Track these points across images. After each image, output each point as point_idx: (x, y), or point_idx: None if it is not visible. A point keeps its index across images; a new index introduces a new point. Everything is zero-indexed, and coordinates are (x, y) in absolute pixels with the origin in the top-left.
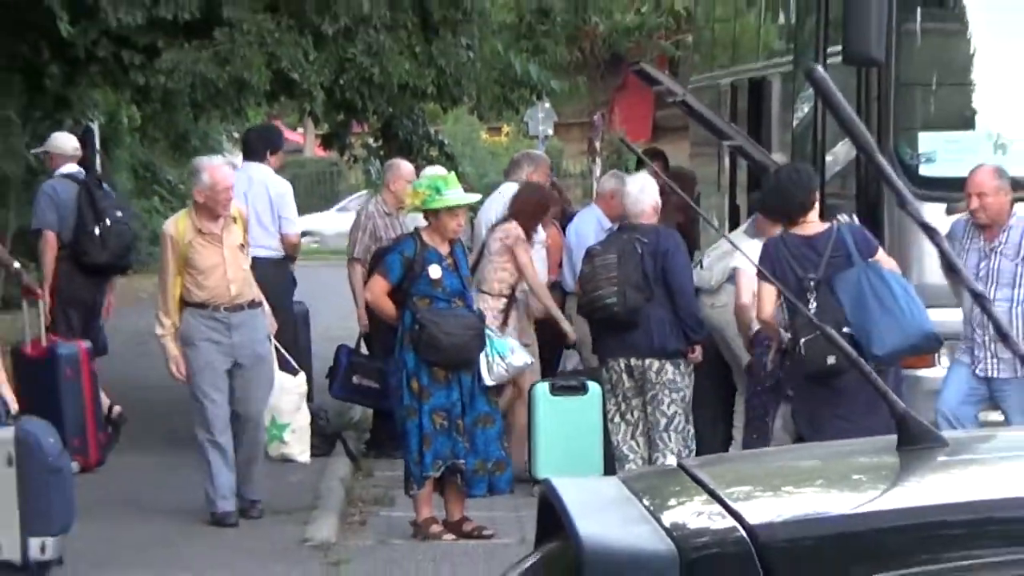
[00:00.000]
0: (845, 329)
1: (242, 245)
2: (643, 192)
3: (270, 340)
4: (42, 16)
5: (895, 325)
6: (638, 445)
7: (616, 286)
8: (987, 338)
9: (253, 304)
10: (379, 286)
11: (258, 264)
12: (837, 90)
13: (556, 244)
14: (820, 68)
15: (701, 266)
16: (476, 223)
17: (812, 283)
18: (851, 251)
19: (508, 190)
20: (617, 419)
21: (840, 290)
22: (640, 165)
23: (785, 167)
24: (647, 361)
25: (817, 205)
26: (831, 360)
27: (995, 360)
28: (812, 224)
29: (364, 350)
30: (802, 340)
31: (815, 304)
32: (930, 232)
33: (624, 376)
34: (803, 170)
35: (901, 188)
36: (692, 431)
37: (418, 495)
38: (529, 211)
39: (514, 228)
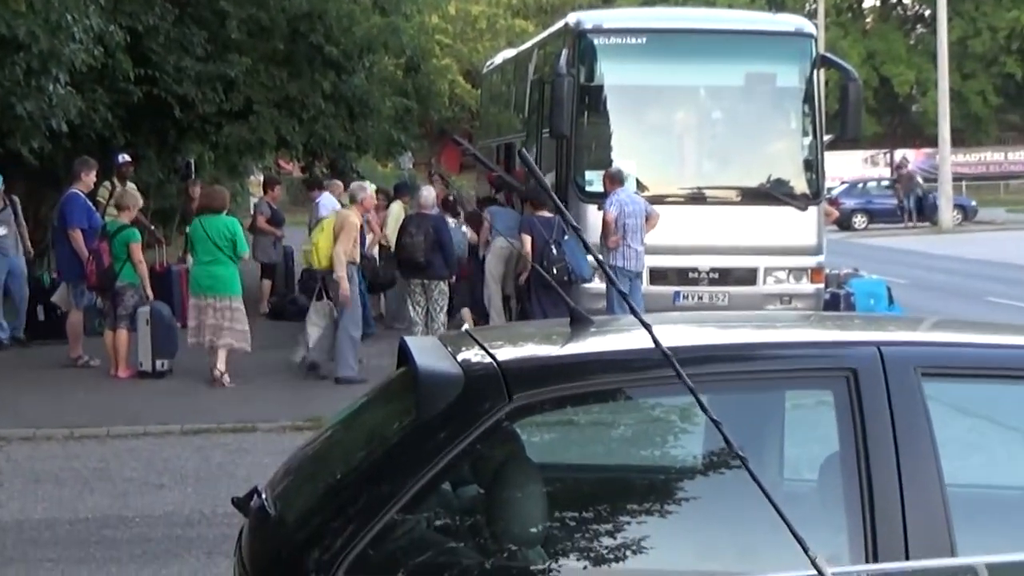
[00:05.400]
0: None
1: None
2: (428, 195)
3: None
4: (167, 108)
5: (586, 267)
6: (420, 319)
7: (423, 252)
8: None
9: None
10: None
11: None
12: (531, 158)
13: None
14: (523, 149)
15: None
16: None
17: (553, 241)
18: (563, 228)
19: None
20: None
21: (565, 246)
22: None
23: (531, 185)
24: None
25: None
26: (564, 278)
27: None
28: (545, 212)
29: None
30: (553, 267)
31: (555, 251)
32: (564, 216)
33: (419, 288)
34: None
35: (553, 197)
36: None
37: None
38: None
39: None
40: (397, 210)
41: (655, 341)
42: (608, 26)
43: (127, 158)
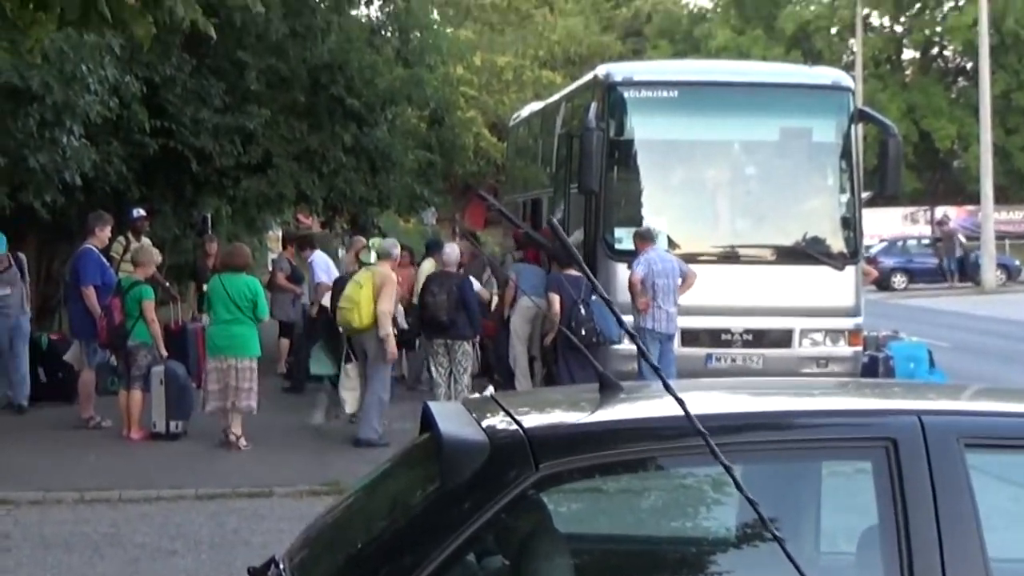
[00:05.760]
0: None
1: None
2: (452, 253)
3: None
4: (184, 161)
5: (615, 328)
6: (443, 380)
7: (446, 311)
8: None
9: None
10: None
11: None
12: (561, 229)
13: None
14: (555, 220)
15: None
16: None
17: (581, 300)
18: (588, 287)
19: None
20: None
21: (593, 306)
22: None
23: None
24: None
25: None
26: (593, 339)
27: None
28: (573, 270)
29: None
30: (581, 328)
31: (583, 311)
32: (586, 273)
33: (442, 349)
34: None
35: (576, 255)
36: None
37: None
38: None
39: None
40: (429, 268)
41: (687, 414)
42: (639, 79)
43: (142, 212)
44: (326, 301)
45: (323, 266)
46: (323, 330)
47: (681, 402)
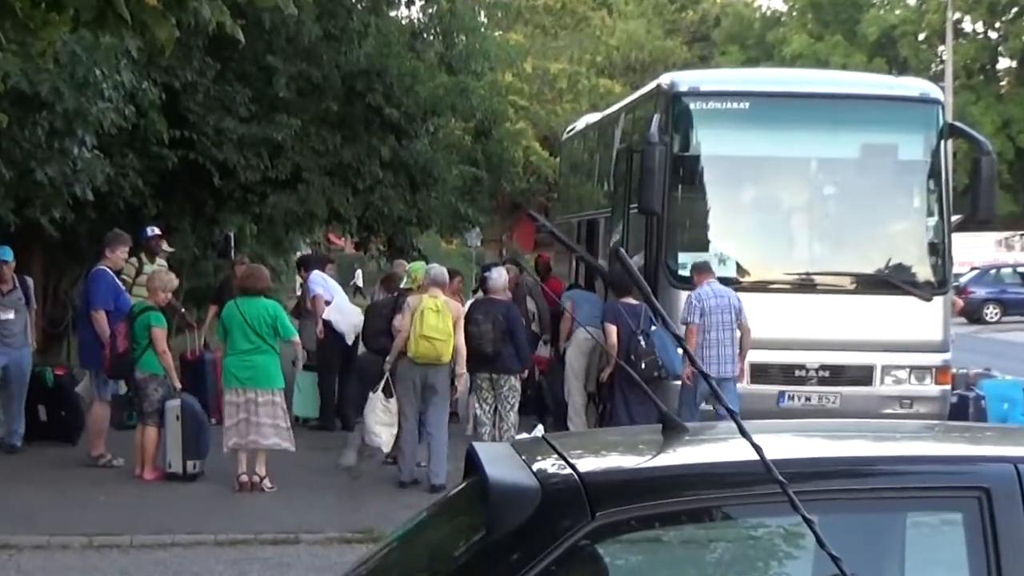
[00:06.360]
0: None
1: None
2: (499, 278)
3: None
4: (205, 174)
5: (678, 361)
6: (488, 418)
7: (492, 342)
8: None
9: None
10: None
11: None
12: (627, 257)
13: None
14: (619, 247)
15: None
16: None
17: (640, 331)
18: (651, 317)
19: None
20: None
21: (654, 336)
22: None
23: (615, 267)
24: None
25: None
26: (654, 374)
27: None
28: (631, 298)
29: None
30: (641, 362)
31: (642, 343)
32: (652, 304)
33: (486, 383)
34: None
35: (643, 285)
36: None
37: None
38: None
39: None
40: None
41: (763, 460)
42: (706, 88)
43: (156, 231)
44: (327, 316)
45: (319, 280)
46: (338, 359)
47: (758, 447)
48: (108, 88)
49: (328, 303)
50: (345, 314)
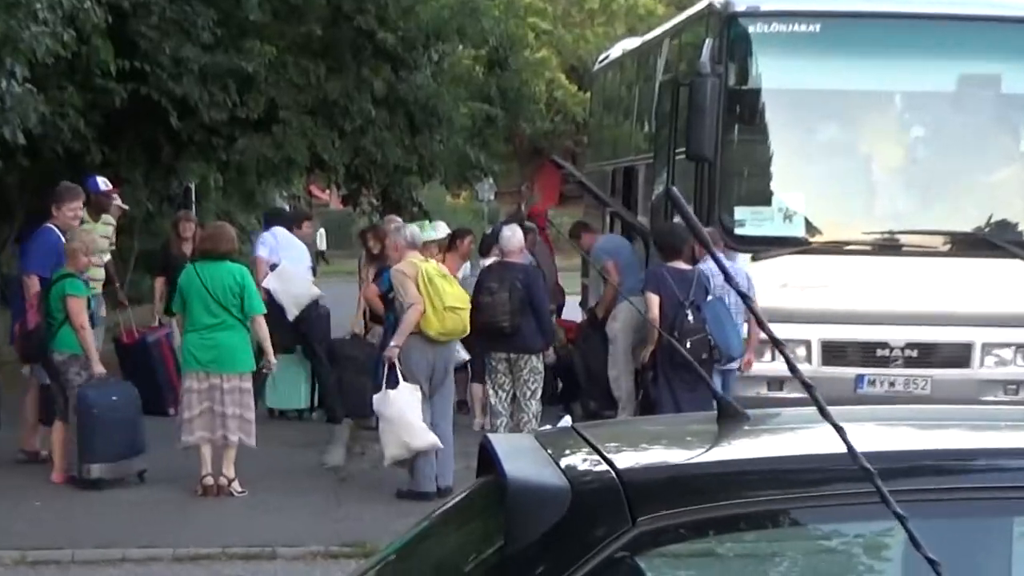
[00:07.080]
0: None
1: None
2: (514, 236)
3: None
4: (160, 113)
5: (735, 340)
6: (504, 407)
7: (509, 315)
8: None
9: None
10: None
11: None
12: (684, 202)
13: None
14: (674, 188)
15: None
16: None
17: (690, 303)
18: (708, 286)
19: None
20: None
21: (706, 310)
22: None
23: (667, 224)
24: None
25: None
26: (704, 355)
27: None
28: (681, 263)
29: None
30: (687, 340)
31: (690, 317)
32: (720, 264)
33: (503, 365)
34: (678, 227)
35: (706, 238)
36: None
37: None
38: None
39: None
40: None
41: (849, 449)
42: (768, 8)
43: (107, 184)
44: (268, 285)
45: (267, 240)
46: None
47: (839, 428)
48: (43, 9)
49: (275, 268)
50: (287, 282)
